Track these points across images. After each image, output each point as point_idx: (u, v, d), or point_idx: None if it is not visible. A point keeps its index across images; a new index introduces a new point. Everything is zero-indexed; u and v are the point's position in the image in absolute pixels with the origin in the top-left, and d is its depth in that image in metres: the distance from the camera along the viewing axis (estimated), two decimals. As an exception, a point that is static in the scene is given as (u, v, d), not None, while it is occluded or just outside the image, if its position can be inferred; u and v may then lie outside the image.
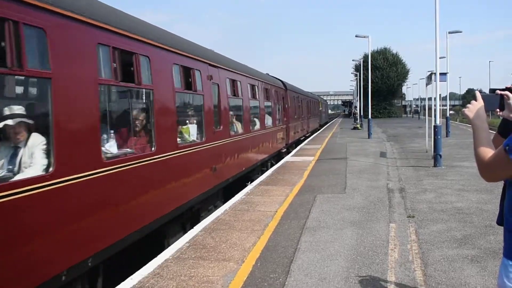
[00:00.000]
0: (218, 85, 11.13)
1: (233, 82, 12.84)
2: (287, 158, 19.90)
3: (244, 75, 14.29)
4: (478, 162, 2.59)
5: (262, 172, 16.09)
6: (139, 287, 5.74)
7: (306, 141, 29.33)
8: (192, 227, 8.58)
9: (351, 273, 6.03)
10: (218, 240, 7.64)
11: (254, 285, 5.75)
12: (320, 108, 50.81)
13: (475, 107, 2.70)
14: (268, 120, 18.00)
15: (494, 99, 2.72)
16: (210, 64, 10.53)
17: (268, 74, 20.93)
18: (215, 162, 10.48)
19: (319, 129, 44.73)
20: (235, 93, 12.97)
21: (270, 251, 7.03)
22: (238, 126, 13.15)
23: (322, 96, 76.33)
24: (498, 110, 2.73)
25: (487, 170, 2.56)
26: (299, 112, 28.71)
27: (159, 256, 6.91)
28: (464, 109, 2.78)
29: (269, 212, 9.47)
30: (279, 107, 21.04)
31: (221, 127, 11.17)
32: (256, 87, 15.85)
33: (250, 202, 10.58)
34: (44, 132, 4.96)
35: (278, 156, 20.32)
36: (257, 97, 16.00)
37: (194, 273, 6.18)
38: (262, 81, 17.25)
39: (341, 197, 10.92)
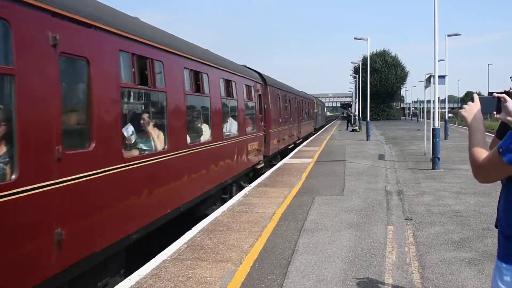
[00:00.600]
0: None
1: (141, 61, 7.29)
2: (286, 160, 19.89)
3: (175, 53, 8.70)
4: (472, 162, 2.62)
5: (224, 201, 11.65)
6: (137, 287, 5.75)
7: (304, 143, 29.34)
8: None
9: (349, 275, 6.04)
10: (216, 241, 7.64)
11: (251, 286, 5.75)
12: (316, 110, 46.78)
13: (472, 108, 2.71)
14: (232, 126, 12.91)
15: (491, 102, 2.73)
16: None
17: (245, 66, 16.48)
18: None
19: (314, 134, 41.27)
20: (149, 82, 7.51)
21: (268, 252, 7.03)
22: (160, 139, 7.95)
23: (320, 98, 76.23)
24: (495, 112, 2.75)
25: (480, 171, 2.58)
26: (287, 114, 23.47)
27: (157, 256, 6.91)
28: (461, 110, 2.79)
29: (267, 214, 9.48)
30: (255, 108, 15.87)
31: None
32: (207, 76, 10.52)
33: (248, 203, 10.59)
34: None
35: (255, 172, 16.03)
36: (209, 91, 10.67)
37: (192, 274, 6.18)
38: (222, 70, 11.87)
39: (339, 199, 10.93)
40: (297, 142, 27.88)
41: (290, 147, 24.61)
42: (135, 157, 7.06)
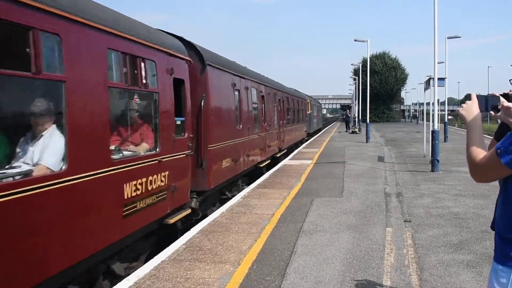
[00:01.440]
0: None
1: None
2: (285, 161, 19.88)
3: None
4: (469, 162, 2.62)
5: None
6: (135, 288, 5.75)
7: (303, 145, 29.35)
8: None
9: (347, 277, 6.04)
10: (214, 242, 7.65)
11: (250, 287, 5.76)
12: (310, 111, 38.17)
13: (470, 106, 2.71)
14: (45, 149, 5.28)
15: (490, 100, 2.74)
16: None
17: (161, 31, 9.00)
18: None
19: (307, 140, 34.25)
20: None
21: (267, 254, 7.04)
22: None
23: (320, 100, 76.02)
24: (492, 112, 2.75)
25: (477, 170, 2.59)
26: (256, 116, 16.01)
27: (155, 257, 6.92)
28: (458, 108, 2.79)
29: (266, 215, 9.48)
30: (161, 105, 7.77)
31: None
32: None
33: (247, 204, 10.59)
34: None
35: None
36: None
37: (190, 275, 6.18)
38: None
39: (338, 201, 10.93)
40: (277, 155, 20.44)
41: (263, 164, 16.90)
42: None
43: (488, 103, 2.75)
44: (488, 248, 7.08)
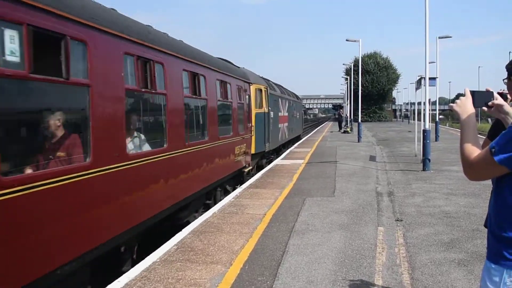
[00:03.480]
0: None
1: None
2: (277, 161, 19.89)
3: None
4: (463, 160, 2.60)
5: None
6: (125, 289, 5.71)
7: (296, 144, 29.36)
8: None
9: (339, 276, 6.04)
10: (206, 243, 7.62)
11: (241, 287, 5.74)
12: (264, 111, 20.03)
13: (464, 102, 2.69)
14: None
15: (485, 96, 2.73)
16: None
17: None
18: None
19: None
20: None
21: (258, 254, 7.02)
22: None
23: (312, 100, 76.04)
24: (485, 108, 2.75)
25: (471, 169, 2.57)
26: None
27: (146, 258, 6.88)
28: (452, 104, 2.76)
29: (258, 215, 9.46)
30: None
31: None
32: None
33: (239, 204, 10.57)
34: None
35: None
36: None
37: (181, 275, 6.15)
38: None
39: (330, 200, 10.93)
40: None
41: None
42: None
43: (482, 99, 2.74)
44: (479, 247, 7.11)
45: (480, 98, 2.73)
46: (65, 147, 5.57)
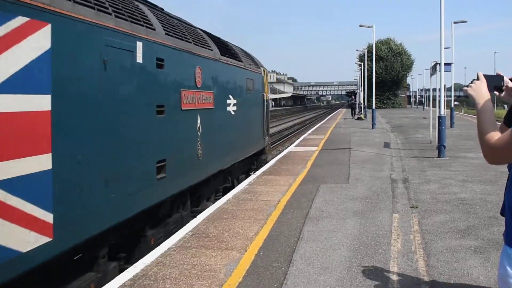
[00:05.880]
0: None
1: None
2: (291, 148, 19.86)
3: None
4: (483, 143, 2.54)
5: None
6: (142, 275, 5.76)
7: (309, 131, 29.29)
8: None
9: (354, 263, 6.03)
10: (221, 229, 7.64)
11: (256, 274, 5.75)
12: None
13: (479, 86, 2.64)
14: None
15: (496, 80, 2.69)
16: None
17: None
18: None
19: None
20: None
21: (273, 240, 7.03)
22: None
23: (326, 87, 75.52)
24: (497, 92, 2.70)
25: (492, 152, 2.51)
26: None
27: (162, 244, 6.92)
28: (466, 88, 2.70)
29: (272, 202, 9.47)
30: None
31: None
32: None
33: (253, 191, 10.58)
34: None
35: None
36: None
37: (197, 261, 6.19)
38: None
39: (344, 187, 10.91)
40: None
41: None
42: None
43: (493, 83, 2.69)
44: (496, 234, 7.04)
45: (491, 82, 2.68)
46: None
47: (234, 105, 11.13)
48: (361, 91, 57.16)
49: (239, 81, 11.88)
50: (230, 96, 10.93)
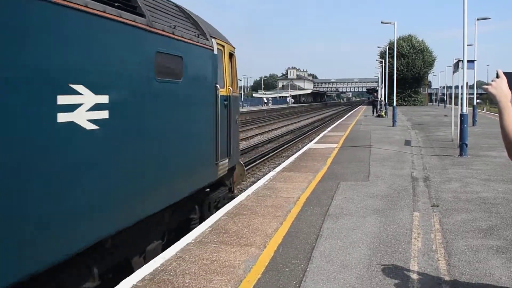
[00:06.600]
0: None
1: None
2: (310, 145, 19.81)
3: None
4: (505, 141, 2.51)
5: None
6: (161, 269, 5.80)
7: (329, 128, 29.18)
8: None
9: (373, 261, 5.99)
10: (240, 225, 7.66)
11: (275, 270, 5.75)
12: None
13: (500, 84, 2.61)
14: None
15: None
16: None
17: None
18: None
19: None
20: None
21: (292, 237, 7.02)
22: None
23: (346, 83, 75.13)
24: None
25: None
26: None
27: (181, 239, 6.96)
28: (486, 86, 2.68)
29: (291, 199, 9.46)
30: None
31: None
32: None
33: (272, 188, 10.58)
34: None
35: None
36: None
37: (216, 257, 6.21)
38: None
39: (365, 184, 10.85)
40: None
41: None
42: None
43: (511, 80, 2.66)
44: (519, 234, 6.95)
45: (511, 79, 2.65)
46: None
47: (96, 107, 4.96)
48: (381, 88, 56.73)
49: (120, 55, 5.54)
50: (78, 88, 4.69)
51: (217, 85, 8.57)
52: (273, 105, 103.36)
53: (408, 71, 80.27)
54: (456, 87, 21.42)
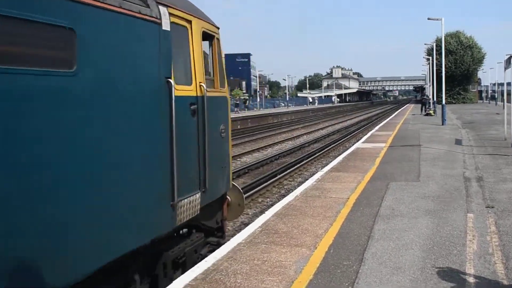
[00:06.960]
0: None
1: None
2: (358, 144, 19.62)
3: None
4: None
5: None
6: (213, 269, 5.85)
7: (376, 127, 28.81)
8: None
9: (427, 264, 5.87)
10: (290, 226, 7.65)
11: (327, 271, 5.71)
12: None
13: None
14: None
15: None
16: None
17: None
18: None
19: None
20: None
21: (343, 238, 6.96)
22: None
23: (392, 82, 73.90)
24: None
25: None
26: None
27: (231, 239, 7.01)
28: None
29: (341, 199, 9.38)
30: None
31: None
32: None
33: (321, 188, 10.52)
34: None
35: None
36: None
37: (267, 257, 6.21)
38: None
39: (415, 185, 10.64)
40: None
41: None
42: None
43: None
44: None
45: None
46: None
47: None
48: (429, 86, 55.54)
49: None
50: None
51: (170, 80, 5.31)
52: (318, 104, 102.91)
53: (456, 68, 78.42)
54: (508, 84, 20.80)
